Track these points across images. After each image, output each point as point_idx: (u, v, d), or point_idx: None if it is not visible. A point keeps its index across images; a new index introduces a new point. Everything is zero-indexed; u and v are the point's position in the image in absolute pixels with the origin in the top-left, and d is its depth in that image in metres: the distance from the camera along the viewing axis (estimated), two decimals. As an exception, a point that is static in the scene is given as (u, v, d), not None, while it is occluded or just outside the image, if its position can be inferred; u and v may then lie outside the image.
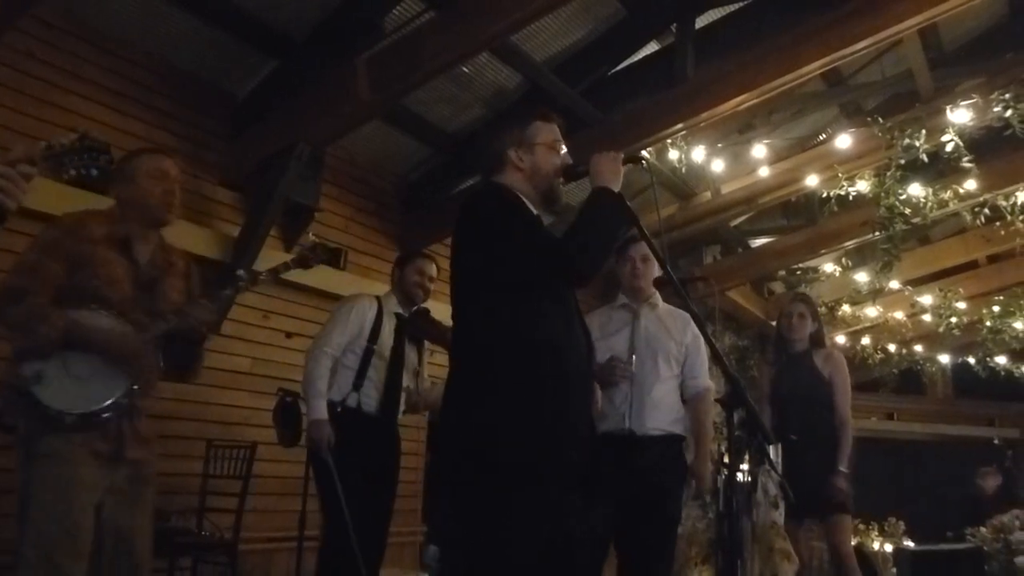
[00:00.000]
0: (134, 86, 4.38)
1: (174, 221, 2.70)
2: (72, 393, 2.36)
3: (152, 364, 2.56)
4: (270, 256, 4.80)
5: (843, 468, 3.98)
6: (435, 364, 4.29)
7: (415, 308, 3.85)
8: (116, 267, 2.52)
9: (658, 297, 3.38)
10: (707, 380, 3.35)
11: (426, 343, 3.91)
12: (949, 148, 5.14)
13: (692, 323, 3.27)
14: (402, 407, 3.80)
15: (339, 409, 3.55)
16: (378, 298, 3.82)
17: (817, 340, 4.30)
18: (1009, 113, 4.89)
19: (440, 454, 2.13)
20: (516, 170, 2.24)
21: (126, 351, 2.45)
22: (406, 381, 3.76)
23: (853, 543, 4.63)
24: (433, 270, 3.88)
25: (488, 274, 2.09)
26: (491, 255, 2.08)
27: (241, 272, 3.01)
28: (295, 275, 4.88)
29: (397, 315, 3.79)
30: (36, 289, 2.40)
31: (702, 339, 3.19)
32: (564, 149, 2.29)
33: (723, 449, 4.64)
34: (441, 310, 3.25)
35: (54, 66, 4.05)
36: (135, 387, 2.47)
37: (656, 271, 3.30)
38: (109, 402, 2.42)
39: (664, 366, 3.23)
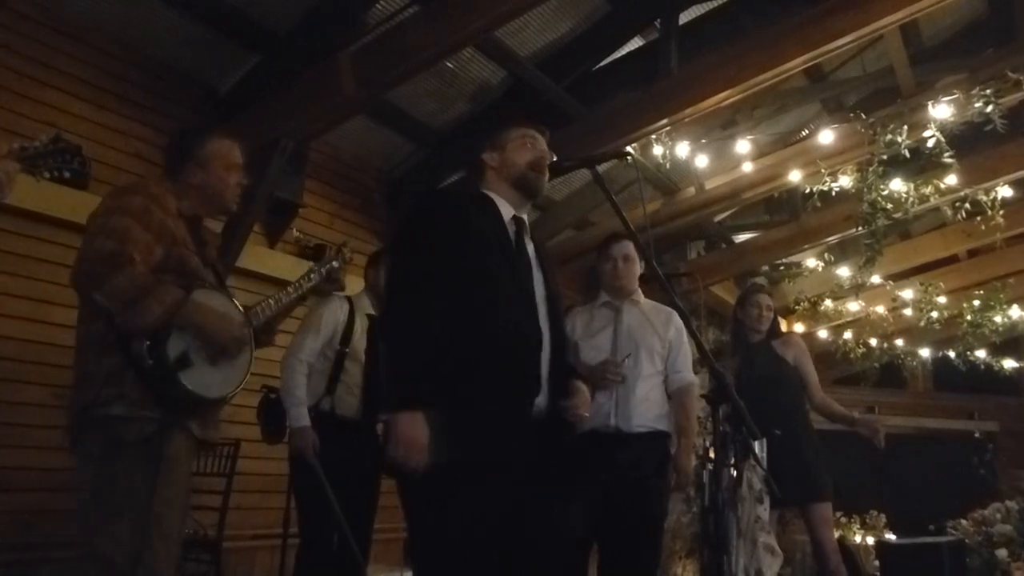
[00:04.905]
0: (112, 79, 4.33)
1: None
2: (209, 378, 2.20)
3: None
4: (254, 252, 4.77)
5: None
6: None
7: None
8: (191, 245, 2.33)
9: (640, 294, 3.38)
10: (691, 374, 3.34)
11: None
12: (930, 143, 5.17)
13: (675, 317, 3.28)
14: None
15: (313, 414, 3.51)
16: (349, 298, 3.76)
17: (774, 331, 4.28)
18: (990, 109, 4.92)
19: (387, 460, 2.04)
20: (490, 169, 2.29)
21: (241, 333, 2.32)
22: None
23: (836, 535, 4.53)
24: None
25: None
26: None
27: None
28: (276, 270, 4.92)
29: (369, 316, 3.73)
30: (137, 258, 2.11)
31: (685, 333, 3.21)
32: (540, 145, 2.30)
33: (708, 444, 4.64)
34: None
35: (30, 58, 4.00)
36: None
37: (638, 270, 3.32)
38: (238, 387, 2.31)
39: (647, 363, 3.22)
